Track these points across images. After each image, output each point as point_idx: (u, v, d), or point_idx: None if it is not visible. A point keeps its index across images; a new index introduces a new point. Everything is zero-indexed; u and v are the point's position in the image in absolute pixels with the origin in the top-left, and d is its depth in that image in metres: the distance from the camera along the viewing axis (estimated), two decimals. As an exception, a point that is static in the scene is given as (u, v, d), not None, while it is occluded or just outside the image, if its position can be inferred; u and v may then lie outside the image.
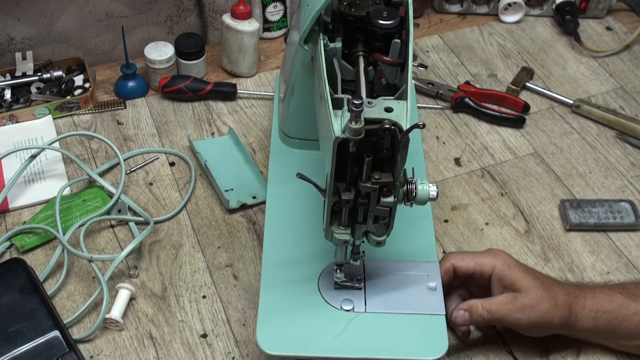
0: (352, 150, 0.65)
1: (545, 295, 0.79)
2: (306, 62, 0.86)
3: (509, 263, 0.81)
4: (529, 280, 0.80)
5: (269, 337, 0.78)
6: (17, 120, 1.08)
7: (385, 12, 0.79)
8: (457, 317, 0.80)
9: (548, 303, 0.78)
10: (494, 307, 0.79)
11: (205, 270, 0.92)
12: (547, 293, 0.79)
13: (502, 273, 0.80)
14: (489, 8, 1.34)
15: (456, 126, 1.13)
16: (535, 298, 0.78)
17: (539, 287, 0.79)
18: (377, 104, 0.67)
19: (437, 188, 0.71)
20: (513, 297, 0.79)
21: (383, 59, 0.79)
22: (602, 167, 1.08)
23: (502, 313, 0.79)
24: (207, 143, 1.07)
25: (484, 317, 0.79)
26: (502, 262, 0.81)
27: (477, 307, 0.80)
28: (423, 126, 0.64)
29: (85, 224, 0.93)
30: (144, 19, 1.22)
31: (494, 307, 0.79)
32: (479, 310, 0.79)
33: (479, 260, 0.82)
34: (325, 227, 0.73)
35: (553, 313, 0.78)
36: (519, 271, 0.80)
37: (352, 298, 0.81)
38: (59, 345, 0.78)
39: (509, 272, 0.80)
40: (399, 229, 0.79)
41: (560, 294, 0.80)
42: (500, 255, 0.82)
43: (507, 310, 0.79)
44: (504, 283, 0.80)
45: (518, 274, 0.80)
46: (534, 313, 0.78)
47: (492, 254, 0.82)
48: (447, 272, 0.83)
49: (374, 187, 0.68)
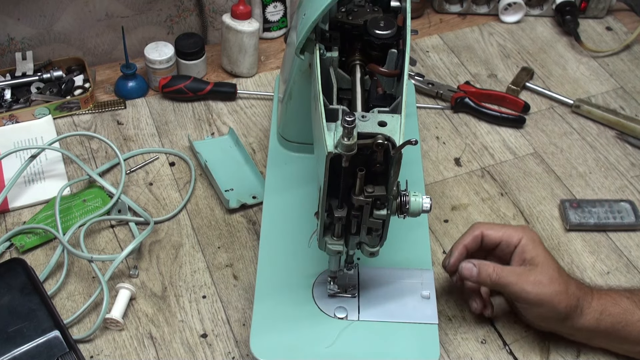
0: (345, 165, 0.65)
1: (559, 279, 0.80)
2: (304, 68, 0.86)
3: (535, 240, 0.82)
4: (549, 260, 0.81)
5: (263, 344, 0.78)
6: (17, 120, 1.08)
7: (382, 21, 0.79)
8: (465, 268, 0.81)
9: (559, 286, 0.79)
10: (505, 272, 0.80)
11: (205, 270, 0.92)
12: (561, 278, 0.80)
13: (526, 247, 0.81)
14: (489, 8, 1.34)
15: (456, 126, 1.13)
16: (549, 277, 0.79)
17: (555, 269, 0.80)
18: (371, 118, 0.67)
19: (430, 200, 0.71)
20: (528, 270, 0.80)
21: (379, 69, 0.79)
22: (602, 167, 1.08)
23: (512, 280, 0.79)
24: (207, 143, 1.07)
25: (492, 279, 0.80)
26: (530, 237, 0.82)
27: (488, 267, 0.80)
28: (415, 143, 0.64)
29: (86, 224, 0.93)
30: (144, 19, 1.22)
31: (505, 272, 0.80)
32: (489, 270, 0.80)
33: (507, 230, 0.83)
34: (319, 238, 0.74)
35: (561, 298, 0.79)
36: (542, 249, 0.82)
37: (345, 306, 0.82)
38: (59, 345, 0.78)
39: (533, 247, 0.81)
40: (393, 236, 0.80)
41: (572, 285, 0.80)
42: (528, 231, 0.83)
43: (518, 279, 0.79)
44: (525, 257, 0.81)
45: (540, 251, 0.81)
46: (543, 290, 0.78)
47: (521, 228, 0.84)
48: (475, 238, 0.84)
49: (366, 200, 0.68)
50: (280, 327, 0.80)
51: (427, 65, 1.24)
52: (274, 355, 0.78)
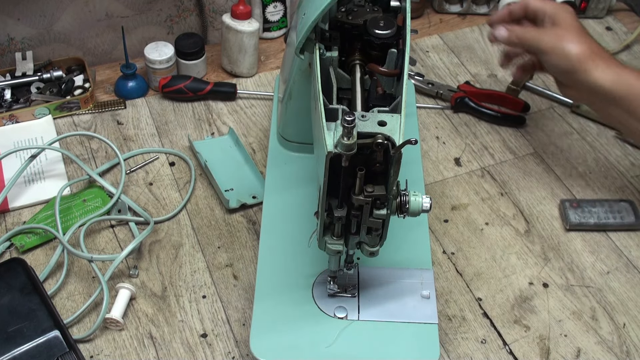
0: (345, 164, 0.65)
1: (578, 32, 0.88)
2: (304, 68, 0.86)
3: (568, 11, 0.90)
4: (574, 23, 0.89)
5: (263, 344, 0.78)
6: (17, 120, 1.08)
7: (382, 21, 0.79)
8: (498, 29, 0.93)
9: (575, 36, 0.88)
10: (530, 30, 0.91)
11: (205, 270, 0.92)
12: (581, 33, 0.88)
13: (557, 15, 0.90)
14: (489, 8, 1.34)
15: (456, 126, 1.13)
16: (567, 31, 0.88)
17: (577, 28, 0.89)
18: (370, 118, 0.67)
19: (430, 200, 0.71)
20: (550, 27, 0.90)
21: (379, 69, 0.79)
22: (602, 167, 1.08)
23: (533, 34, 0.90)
24: (207, 143, 1.07)
25: (517, 34, 0.91)
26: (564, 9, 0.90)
27: (516, 28, 0.92)
28: (415, 142, 0.64)
29: (85, 224, 0.93)
30: (144, 19, 1.22)
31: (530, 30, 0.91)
32: (516, 29, 0.92)
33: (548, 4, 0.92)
34: (318, 238, 0.74)
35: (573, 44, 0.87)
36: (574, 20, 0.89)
37: (345, 306, 0.82)
38: (59, 345, 0.78)
39: (566, 16, 0.89)
40: (393, 236, 0.80)
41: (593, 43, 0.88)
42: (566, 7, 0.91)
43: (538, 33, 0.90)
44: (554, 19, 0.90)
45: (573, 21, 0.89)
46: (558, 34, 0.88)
47: (561, 5, 0.92)
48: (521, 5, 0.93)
49: (366, 200, 0.68)
50: (280, 327, 0.80)
51: (427, 65, 1.24)
52: (274, 355, 0.78)
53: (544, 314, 0.89)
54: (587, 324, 0.88)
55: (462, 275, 0.93)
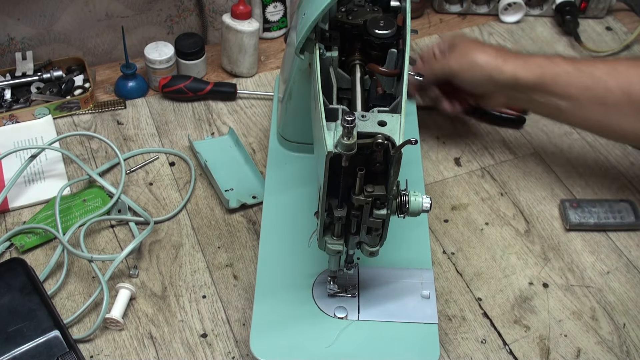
0: (345, 164, 0.65)
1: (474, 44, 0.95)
2: (303, 68, 0.86)
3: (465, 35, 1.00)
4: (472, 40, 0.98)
5: (263, 344, 0.78)
6: (17, 120, 1.08)
7: (382, 21, 0.79)
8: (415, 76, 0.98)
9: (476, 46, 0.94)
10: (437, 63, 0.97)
11: (205, 270, 0.92)
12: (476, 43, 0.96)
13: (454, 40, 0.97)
14: (489, 8, 1.34)
15: (456, 126, 1.13)
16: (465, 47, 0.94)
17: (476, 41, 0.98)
18: (370, 118, 0.67)
19: (430, 200, 0.71)
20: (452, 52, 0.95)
21: (379, 69, 0.79)
22: (602, 167, 1.08)
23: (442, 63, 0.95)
24: (207, 143, 1.07)
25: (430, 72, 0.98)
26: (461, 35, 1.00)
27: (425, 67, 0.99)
28: (415, 142, 0.64)
29: (85, 224, 0.93)
30: (144, 19, 1.22)
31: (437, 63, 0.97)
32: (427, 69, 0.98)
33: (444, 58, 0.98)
34: (318, 238, 0.74)
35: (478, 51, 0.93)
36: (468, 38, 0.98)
37: (345, 306, 0.82)
38: (59, 345, 0.78)
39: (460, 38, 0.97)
40: (393, 236, 0.80)
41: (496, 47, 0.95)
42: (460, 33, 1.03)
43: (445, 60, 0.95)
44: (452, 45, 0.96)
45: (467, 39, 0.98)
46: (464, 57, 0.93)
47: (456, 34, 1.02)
48: None
49: (366, 200, 0.68)
50: (280, 327, 0.80)
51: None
52: (274, 355, 0.78)
53: (544, 314, 0.89)
54: (587, 324, 0.88)
55: (462, 275, 0.93)
